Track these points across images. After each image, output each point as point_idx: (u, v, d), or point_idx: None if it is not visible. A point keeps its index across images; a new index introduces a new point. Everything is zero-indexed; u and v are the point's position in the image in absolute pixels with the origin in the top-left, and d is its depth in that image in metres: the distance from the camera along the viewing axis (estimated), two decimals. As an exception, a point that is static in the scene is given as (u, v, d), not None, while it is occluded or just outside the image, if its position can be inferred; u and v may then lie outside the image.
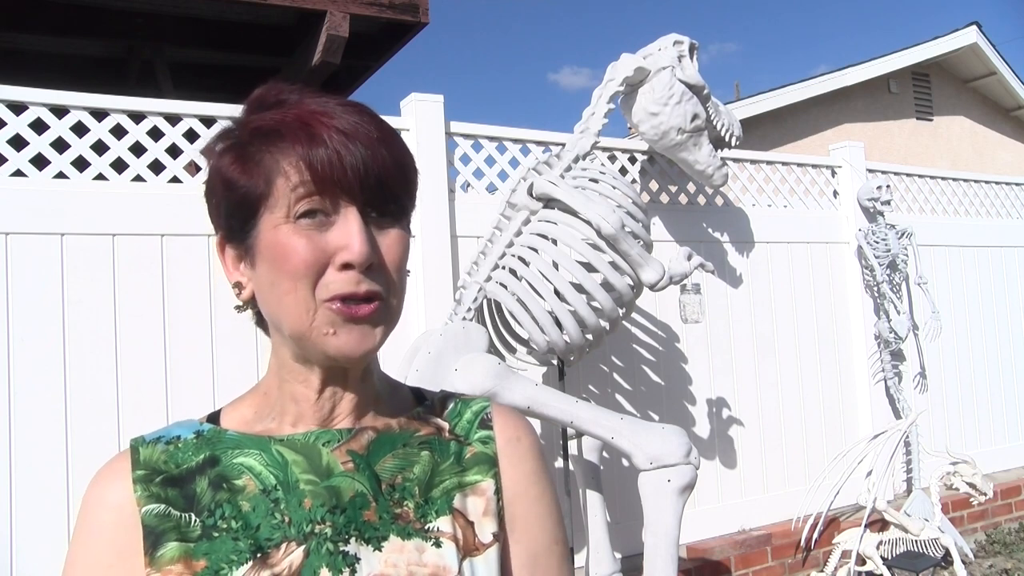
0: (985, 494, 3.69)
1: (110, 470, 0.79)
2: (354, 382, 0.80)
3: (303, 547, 0.74)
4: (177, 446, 0.79)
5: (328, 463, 0.77)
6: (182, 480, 0.77)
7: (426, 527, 0.77)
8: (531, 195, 2.88)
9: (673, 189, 4.15)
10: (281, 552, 0.74)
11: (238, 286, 0.79)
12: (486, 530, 0.79)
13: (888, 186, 4.62)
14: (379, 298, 0.74)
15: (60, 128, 2.89)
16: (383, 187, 0.74)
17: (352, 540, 0.75)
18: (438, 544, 0.77)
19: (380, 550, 0.75)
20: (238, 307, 0.82)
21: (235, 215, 0.76)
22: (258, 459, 0.77)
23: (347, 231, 0.72)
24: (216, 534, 0.74)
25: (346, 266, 0.72)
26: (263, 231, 0.74)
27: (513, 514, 0.82)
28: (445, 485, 0.80)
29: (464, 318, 2.74)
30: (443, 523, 0.78)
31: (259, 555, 0.73)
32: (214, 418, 0.82)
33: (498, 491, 0.82)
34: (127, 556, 0.74)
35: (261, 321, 0.82)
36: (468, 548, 0.78)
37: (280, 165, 0.73)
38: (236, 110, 0.80)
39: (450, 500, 0.79)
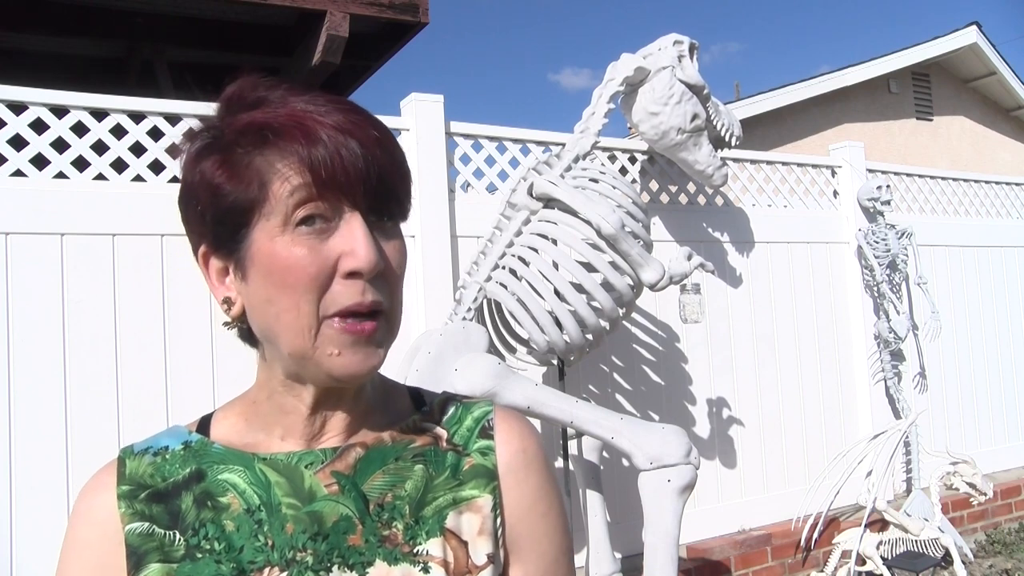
0: (985, 494, 3.69)
1: (96, 483, 0.77)
2: (347, 398, 0.76)
3: (285, 573, 0.71)
4: (164, 458, 0.76)
5: (310, 487, 0.74)
6: (168, 495, 0.74)
7: (415, 550, 0.73)
8: (531, 195, 2.88)
9: (673, 189, 4.15)
10: None
11: (227, 302, 0.74)
12: (480, 551, 0.75)
13: (888, 186, 4.62)
14: (381, 310, 0.70)
15: (60, 128, 2.89)
16: (384, 188, 0.70)
17: (335, 568, 0.71)
18: (426, 570, 0.73)
19: None
20: (227, 324, 0.76)
21: (224, 223, 0.70)
22: (242, 476, 0.74)
23: (351, 236, 0.68)
24: (199, 555, 0.71)
25: (352, 274, 0.68)
26: (257, 241, 0.69)
27: (520, 532, 0.78)
28: (438, 503, 0.75)
29: (464, 318, 2.74)
30: (433, 546, 0.73)
31: None
32: (204, 425, 0.79)
33: (496, 508, 0.77)
34: (110, 574, 0.73)
35: (247, 335, 0.76)
36: (459, 571, 0.74)
37: (274, 167, 0.67)
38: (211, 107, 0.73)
39: (442, 520, 0.75)
